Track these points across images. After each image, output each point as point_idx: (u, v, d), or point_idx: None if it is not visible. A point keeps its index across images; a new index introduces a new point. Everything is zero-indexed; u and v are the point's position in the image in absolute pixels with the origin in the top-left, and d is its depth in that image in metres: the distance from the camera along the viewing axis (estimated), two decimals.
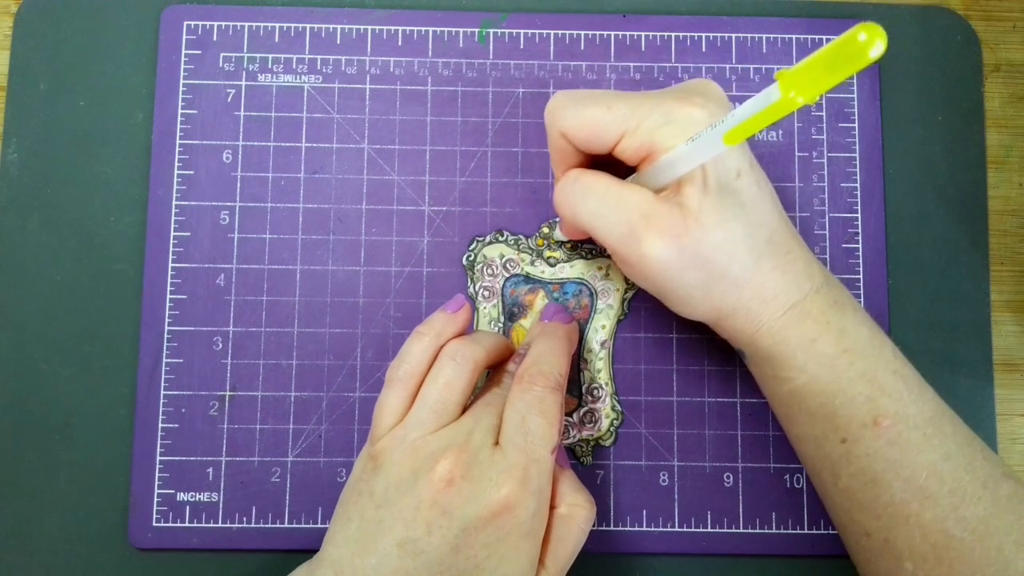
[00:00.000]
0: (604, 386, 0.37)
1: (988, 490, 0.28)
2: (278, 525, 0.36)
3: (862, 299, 0.37)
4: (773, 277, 0.29)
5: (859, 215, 0.38)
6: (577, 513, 0.30)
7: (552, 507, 0.30)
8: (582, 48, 0.39)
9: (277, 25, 0.39)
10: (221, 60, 0.38)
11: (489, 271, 0.38)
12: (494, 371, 0.34)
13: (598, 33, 0.39)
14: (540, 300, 0.37)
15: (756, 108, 0.22)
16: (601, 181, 0.30)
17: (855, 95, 0.39)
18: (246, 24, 0.39)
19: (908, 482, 0.28)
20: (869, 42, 0.19)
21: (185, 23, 0.38)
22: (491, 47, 0.39)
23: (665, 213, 0.28)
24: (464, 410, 0.31)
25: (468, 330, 0.33)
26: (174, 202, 0.38)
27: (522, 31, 0.39)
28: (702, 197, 0.28)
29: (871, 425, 0.29)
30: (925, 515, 0.28)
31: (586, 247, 0.38)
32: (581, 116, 0.29)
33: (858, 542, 0.31)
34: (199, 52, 0.38)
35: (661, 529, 0.36)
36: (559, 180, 0.32)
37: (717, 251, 0.28)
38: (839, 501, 0.31)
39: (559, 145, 0.30)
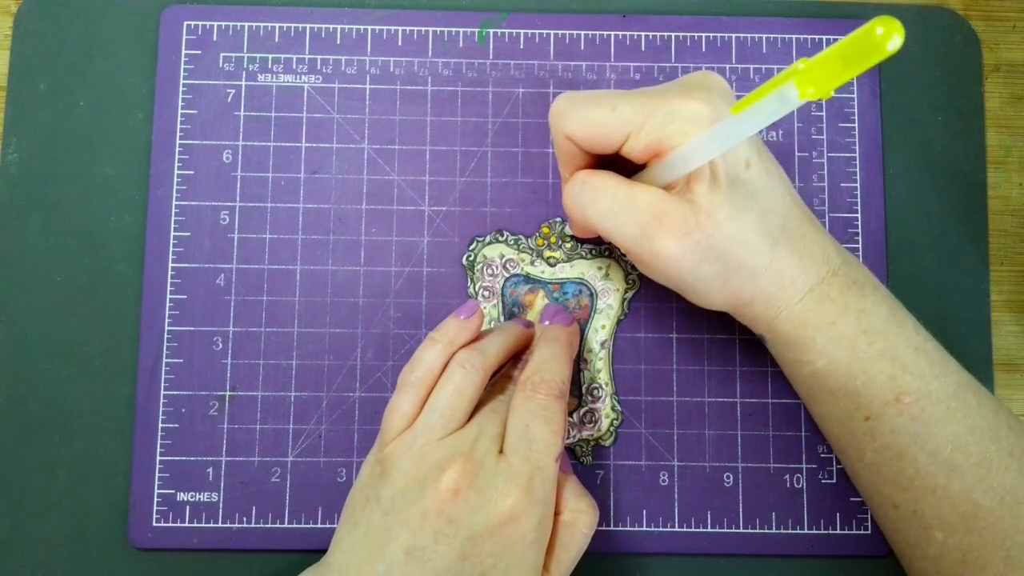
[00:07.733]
0: (604, 386, 0.37)
1: (1015, 459, 0.28)
2: (278, 525, 0.36)
3: None
4: (790, 263, 0.29)
5: (859, 215, 0.38)
6: (580, 519, 0.31)
7: (556, 513, 0.30)
8: (582, 48, 0.39)
9: (277, 25, 0.39)
10: (221, 60, 0.38)
11: (489, 271, 0.37)
12: (498, 376, 0.34)
13: (598, 33, 0.39)
14: (540, 300, 0.37)
15: (768, 105, 0.22)
16: (610, 182, 0.30)
17: (855, 95, 0.39)
18: (246, 24, 0.39)
19: (933, 455, 0.29)
20: (887, 36, 0.20)
21: (185, 23, 0.38)
22: (491, 47, 0.39)
23: (676, 211, 0.28)
24: (470, 416, 0.31)
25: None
26: (174, 202, 0.38)
27: (522, 31, 0.39)
28: (713, 192, 0.28)
29: (894, 402, 0.29)
30: (952, 487, 0.29)
31: (586, 247, 0.38)
32: (586, 119, 0.29)
33: (886, 513, 0.31)
34: (199, 52, 0.38)
35: (661, 529, 0.36)
36: (567, 182, 0.32)
37: (732, 243, 0.28)
38: (865, 475, 0.31)
39: (565, 148, 0.30)
